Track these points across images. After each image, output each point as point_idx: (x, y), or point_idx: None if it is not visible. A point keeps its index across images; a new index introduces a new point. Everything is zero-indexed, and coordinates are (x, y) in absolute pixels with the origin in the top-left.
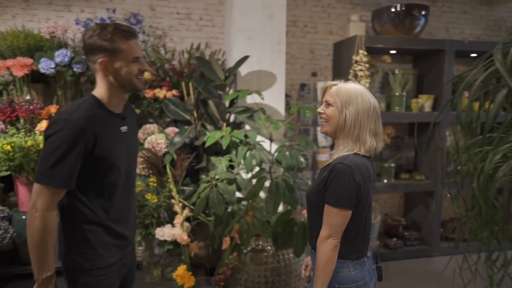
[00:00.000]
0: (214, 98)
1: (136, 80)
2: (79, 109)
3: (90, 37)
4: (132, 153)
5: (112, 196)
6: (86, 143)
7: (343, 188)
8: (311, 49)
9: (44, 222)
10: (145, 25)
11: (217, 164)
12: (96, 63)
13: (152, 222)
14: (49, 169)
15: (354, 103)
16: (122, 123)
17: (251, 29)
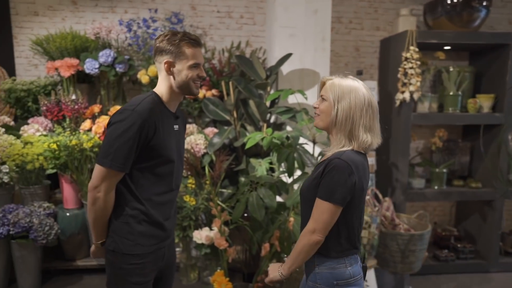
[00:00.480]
0: (254, 97)
1: (192, 84)
2: (143, 102)
3: (161, 41)
4: (180, 152)
5: (159, 187)
6: (146, 133)
7: (337, 184)
8: (356, 46)
9: (106, 202)
10: (186, 24)
11: (257, 166)
12: (162, 63)
13: (190, 224)
14: (112, 153)
15: (347, 98)
16: (175, 122)
17: (294, 25)
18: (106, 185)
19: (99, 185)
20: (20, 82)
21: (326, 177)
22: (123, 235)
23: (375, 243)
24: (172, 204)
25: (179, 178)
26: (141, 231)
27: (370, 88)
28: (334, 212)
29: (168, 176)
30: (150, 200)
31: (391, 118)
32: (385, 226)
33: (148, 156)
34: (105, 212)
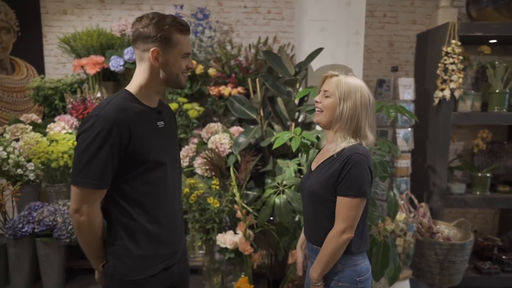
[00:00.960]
0: (282, 95)
1: (181, 76)
2: (110, 103)
3: (146, 26)
4: (173, 150)
5: (154, 197)
6: (119, 138)
7: (362, 178)
8: (390, 41)
9: (92, 225)
10: (212, 20)
11: (285, 168)
12: (147, 51)
13: (213, 227)
14: (83, 169)
15: (353, 97)
16: (159, 118)
17: (325, 18)
18: (88, 207)
19: (80, 208)
20: (48, 80)
21: (349, 173)
22: (121, 259)
23: (410, 252)
24: (175, 212)
25: (178, 180)
26: (141, 253)
27: (406, 86)
28: (362, 206)
29: (162, 182)
30: (146, 214)
31: (428, 117)
32: (422, 234)
33: (132, 164)
34: (95, 235)
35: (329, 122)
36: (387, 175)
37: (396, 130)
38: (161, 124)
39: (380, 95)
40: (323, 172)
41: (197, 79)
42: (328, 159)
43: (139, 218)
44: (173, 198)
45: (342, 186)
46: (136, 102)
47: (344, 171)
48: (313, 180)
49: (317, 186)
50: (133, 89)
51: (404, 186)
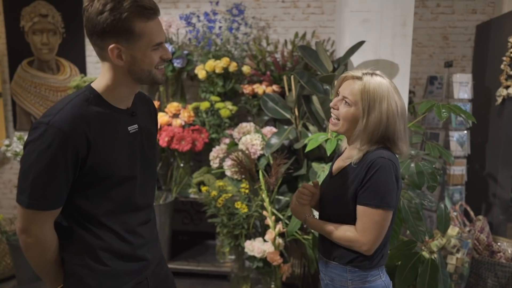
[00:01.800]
0: (319, 93)
1: (156, 71)
2: (66, 107)
3: (99, 13)
4: (146, 158)
5: (119, 214)
6: (75, 152)
7: (387, 186)
8: (444, 34)
9: (42, 247)
10: (248, 16)
11: (320, 172)
12: (105, 49)
13: (241, 233)
14: (28, 187)
15: (378, 108)
16: (131, 121)
17: (368, 9)
18: (37, 228)
19: (26, 228)
20: (86, 79)
21: (372, 181)
22: (82, 279)
23: (465, 272)
24: (145, 227)
25: (149, 193)
26: (106, 271)
27: (462, 83)
28: (387, 220)
29: (129, 198)
30: (110, 232)
31: (489, 118)
32: (479, 252)
33: (91, 180)
34: (46, 257)
35: (347, 133)
36: (437, 185)
37: (449, 132)
38: (134, 129)
39: (430, 93)
40: (344, 179)
41: (231, 77)
42: (350, 165)
43: (102, 236)
44: (143, 211)
45: (363, 193)
46: (101, 104)
47: (366, 177)
48: (332, 188)
49: (337, 193)
50: (99, 87)
51: (458, 196)
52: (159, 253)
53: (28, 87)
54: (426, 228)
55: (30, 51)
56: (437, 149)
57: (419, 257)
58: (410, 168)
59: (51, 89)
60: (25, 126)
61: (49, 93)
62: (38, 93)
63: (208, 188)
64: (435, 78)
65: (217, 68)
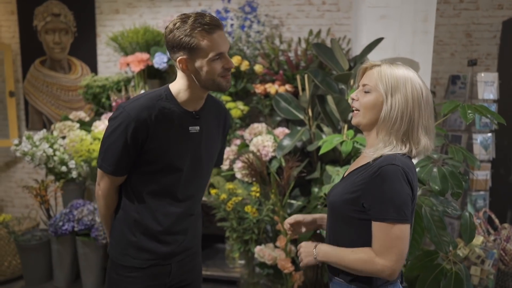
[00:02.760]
0: (334, 93)
1: (220, 79)
2: (141, 98)
3: (170, 32)
4: (199, 158)
5: (161, 199)
6: (135, 136)
7: (400, 197)
8: (467, 31)
9: (105, 202)
10: (260, 13)
11: (334, 175)
12: (176, 61)
13: (252, 238)
14: (102, 153)
15: (403, 90)
16: (193, 122)
17: (387, 4)
18: (104, 185)
19: (99, 183)
20: (97, 78)
21: (380, 191)
22: (116, 241)
23: (490, 284)
24: (183, 218)
25: (195, 189)
26: (132, 241)
27: (487, 83)
28: (407, 233)
29: (172, 187)
30: (148, 210)
31: None
32: (506, 263)
33: (146, 161)
34: (106, 212)
35: (371, 124)
36: (462, 191)
37: (473, 135)
38: (195, 129)
39: (452, 93)
40: (349, 181)
41: (242, 76)
42: (360, 168)
43: (142, 212)
44: (182, 203)
45: (375, 206)
46: (171, 102)
47: (374, 186)
48: (337, 190)
49: (338, 197)
50: (174, 88)
51: (482, 202)
52: (193, 248)
53: (41, 87)
54: (450, 238)
55: (42, 50)
56: (461, 153)
57: (441, 269)
58: (433, 172)
59: (62, 89)
60: (37, 126)
61: (60, 93)
62: (50, 92)
63: (217, 191)
64: (458, 78)
65: None
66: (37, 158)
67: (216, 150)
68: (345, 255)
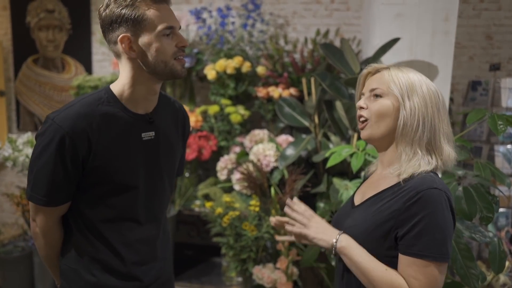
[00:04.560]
0: (343, 98)
1: (174, 62)
2: (75, 105)
3: (106, 7)
4: (158, 169)
5: (120, 226)
6: (74, 152)
7: (444, 230)
8: (487, 33)
9: (45, 240)
10: (265, 12)
11: (342, 190)
12: (116, 42)
13: (250, 256)
14: (31, 180)
15: (420, 92)
16: (146, 127)
17: (403, 1)
18: (41, 221)
19: (34, 218)
20: (89, 78)
21: (425, 222)
22: (71, 283)
23: None
24: (149, 244)
25: (157, 207)
26: (91, 282)
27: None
28: (445, 271)
29: (130, 209)
30: (104, 241)
31: None
32: None
33: (93, 182)
34: (49, 253)
35: (387, 136)
36: (492, 216)
37: (494, 146)
38: (148, 136)
39: (472, 100)
40: (373, 211)
41: (244, 79)
42: (385, 192)
43: (97, 245)
44: (147, 226)
45: (412, 240)
46: (115, 105)
47: (411, 216)
48: (356, 220)
49: (360, 232)
50: (115, 88)
51: (504, 220)
52: (164, 275)
53: (33, 86)
54: (479, 273)
55: (35, 48)
56: (488, 169)
57: None
58: (457, 192)
59: (55, 89)
60: (29, 127)
61: (53, 93)
62: (42, 92)
63: (213, 204)
64: (479, 84)
65: (229, 68)
66: (20, 164)
67: (177, 157)
68: (376, 267)
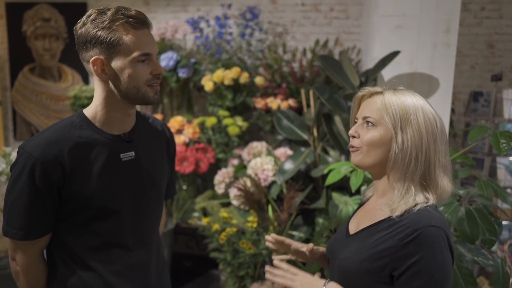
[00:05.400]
0: (342, 112)
1: (146, 88)
2: (46, 132)
3: (82, 25)
4: (142, 189)
5: (109, 254)
6: (48, 180)
7: (442, 271)
8: (489, 41)
9: (28, 278)
10: (263, 20)
11: (342, 206)
12: (89, 62)
13: (248, 273)
14: (6, 214)
15: (414, 123)
16: (124, 148)
17: (403, 13)
18: (21, 258)
19: (13, 256)
20: (86, 89)
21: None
22: None
23: None
24: (142, 269)
25: (147, 230)
26: None
27: None
28: None
29: (115, 234)
30: (93, 273)
31: None
32: None
33: (72, 210)
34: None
35: (377, 165)
36: (495, 239)
37: (497, 158)
38: (128, 156)
39: (474, 111)
40: (368, 244)
41: (242, 89)
42: (379, 224)
43: (83, 275)
44: (137, 252)
45: (407, 281)
46: (89, 128)
47: (409, 256)
48: (350, 253)
49: (354, 265)
50: (89, 111)
51: (506, 234)
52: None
53: (29, 95)
54: None
55: (32, 57)
56: (491, 187)
57: None
58: (459, 214)
59: (52, 98)
60: (26, 136)
61: (50, 102)
62: (39, 101)
63: (210, 219)
64: (481, 94)
65: (226, 79)
66: None
67: (163, 176)
68: None
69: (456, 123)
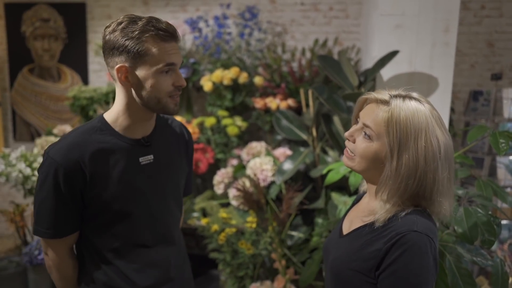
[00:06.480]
0: (341, 112)
1: (167, 99)
2: (68, 136)
3: (112, 32)
4: (162, 191)
5: (130, 252)
6: (70, 183)
7: (422, 276)
8: (489, 40)
9: (59, 272)
10: (262, 20)
11: (341, 206)
12: (114, 68)
13: (247, 274)
14: (36, 215)
15: (412, 149)
16: (143, 151)
17: (402, 12)
18: (52, 254)
19: (46, 251)
20: (84, 89)
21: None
22: None
23: None
24: (163, 267)
25: (166, 229)
26: None
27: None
28: None
29: (133, 235)
30: (116, 270)
31: None
32: None
33: (95, 212)
34: (64, 282)
35: (369, 172)
36: (494, 239)
37: (497, 158)
38: (147, 160)
39: (474, 110)
40: (357, 246)
41: (241, 89)
42: (368, 226)
43: (109, 274)
44: (156, 249)
45: (382, 280)
46: (109, 132)
47: (390, 258)
48: (341, 252)
49: (344, 265)
50: (110, 115)
51: (506, 233)
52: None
53: (29, 96)
54: None
55: (31, 57)
56: (490, 188)
57: None
58: (458, 214)
59: (51, 98)
60: (25, 137)
61: (49, 103)
62: (38, 102)
63: (209, 220)
64: (480, 94)
65: (225, 79)
66: (13, 179)
67: (182, 177)
68: None
69: (456, 122)
